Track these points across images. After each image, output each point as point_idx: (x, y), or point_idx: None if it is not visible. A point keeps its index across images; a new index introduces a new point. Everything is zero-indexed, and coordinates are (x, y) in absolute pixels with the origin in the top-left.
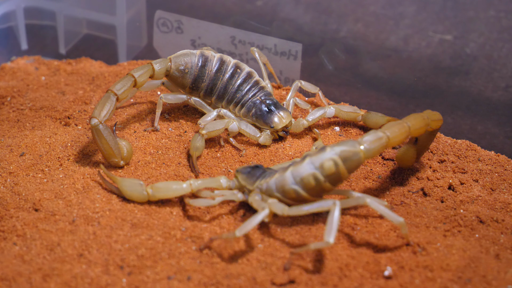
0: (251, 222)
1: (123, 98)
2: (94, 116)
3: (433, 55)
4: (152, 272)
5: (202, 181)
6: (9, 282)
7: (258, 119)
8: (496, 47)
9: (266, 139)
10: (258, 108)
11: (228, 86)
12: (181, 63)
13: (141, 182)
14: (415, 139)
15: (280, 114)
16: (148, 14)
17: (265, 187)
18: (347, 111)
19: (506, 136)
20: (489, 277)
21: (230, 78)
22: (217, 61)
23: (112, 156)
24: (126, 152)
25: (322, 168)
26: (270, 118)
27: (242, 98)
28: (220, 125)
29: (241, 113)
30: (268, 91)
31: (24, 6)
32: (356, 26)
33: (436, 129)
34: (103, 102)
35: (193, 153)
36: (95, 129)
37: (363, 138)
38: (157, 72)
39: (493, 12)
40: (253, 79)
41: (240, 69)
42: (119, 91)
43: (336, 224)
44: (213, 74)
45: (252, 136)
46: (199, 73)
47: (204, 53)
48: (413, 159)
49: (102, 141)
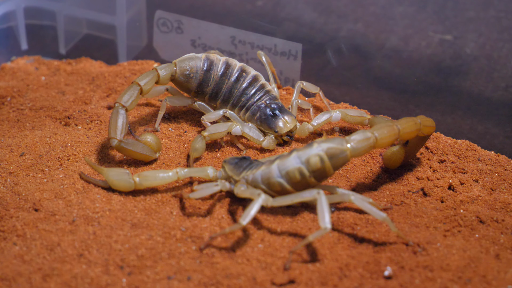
0: (252, 209)
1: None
2: (112, 137)
3: (433, 55)
4: (152, 272)
5: (188, 170)
6: (9, 282)
7: (263, 123)
8: (496, 47)
9: (269, 143)
10: (262, 112)
11: (233, 90)
12: (186, 68)
13: (127, 171)
14: (406, 141)
15: (285, 119)
16: (148, 14)
17: (251, 178)
18: (354, 115)
19: (506, 136)
20: (489, 277)
21: (235, 82)
22: (223, 65)
23: (147, 158)
24: (155, 145)
25: (308, 163)
26: (275, 123)
27: (247, 101)
28: (223, 128)
29: (246, 117)
30: (274, 95)
31: (24, 6)
32: (356, 26)
33: (427, 135)
34: (115, 119)
35: (192, 154)
36: (118, 148)
37: (351, 137)
38: (163, 78)
39: (493, 12)
40: (259, 82)
41: (245, 72)
42: (127, 102)
43: (327, 210)
44: (219, 78)
45: (255, 140)
46: (204, 77)
47: (209, 57)
48: (400, 160)
49: (132, 154)
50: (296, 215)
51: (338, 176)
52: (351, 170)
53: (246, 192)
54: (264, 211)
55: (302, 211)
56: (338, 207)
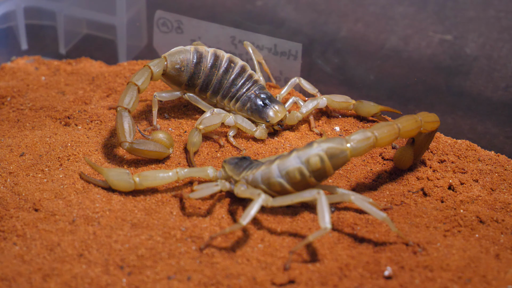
0: (252, 209)
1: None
2: (122, 141)
3: (433, 55)
4: (152, 272)
5: (188, 170)
6: (9, 282)
7: (254, 114)
8: (496, 47)
9: (261, 133)
10: (253, 103)
11: (223, 81)
12: (177, 61)
13: (127, 171)
14: (412, 140)
15: (275, 108)
16: (148, 14)
17: (251, 178)
18: (339, 101)
19: (506, 136)
20: (489, 277)
21: (224, 73)
22: (212, 57)
23: (161, 155)
24: (167, 141)
25: (308, 163)
26: (265, 113)
27: (237, 92)
28: (217, 119)
29: (236, 107)
30: (262, 84)
31: (24, 6)
32: (356, 26)
33: (433, 131)
34: (121, 123)
35: (190, 149)
36: (130, 150)
37: (351, 137)
38: (156, 74)
39: (493, 12)
40: (247, 72)
41: (233, 63)
42: (128, 104)
43: (327, 210)
44: (208, 70)
45: (248, 130)
46: (194, 70)
47: (198, 49)
48: (410, 160)
49: (145, 153)
50: (296, 215)
51: (338, 176)
52: (351, 170)
53: (246, 192)
54: (264, 211)
55: (302, 211)
56: (338, 207)
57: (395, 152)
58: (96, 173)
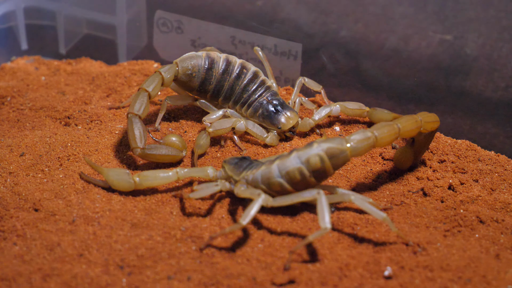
0: (252, 209)
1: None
2: (134, 147)
3: (433, 55)
4: (152, 272)
5: (188, 170)
6: (9, 282)
7: (265, 120)
8: (496, 47)
9: (273, 140)
10: (265, 109)
11: (235, 87)
12: (188, 67)
13: (127, 171)
14: (412, 140)
15: (287, 115)
16: (148, 14)
17: (251, 178)
18: (353, 108)
19: (506, 136)
20: (489, 277)
21: (236, 79)
22: (223, 62)
23: (175, 158)
24: (179, 144)
25: (308, 163)
26: (277, 119)
27: (249, 98)
28: (227, 124)
29: (248, 113)
30: (274, 91)
31: (24, 6)
32: (356, 26)
33: (433, 131)
34: (131, 129)
35: (196, 151)
36: (143, 156)
37: (351, 137)
38: (167, 80)
39: (493, 12)
40: (259, 78)
41: (246, 69)
42: (139, 111)
43: (327, 210)
44: (220, 75)
45: (259, 136)
46: (206, 76)
47: (210, 55)
48: (410, 160)
49: (158, 158)
50: (296, 215)
51: (338, 176)
52: (351, 170)
53: (246, 192)
54: (264, 211)
55: (302, 211)
56: (338, 207)
57: (395, 152)
58: (96, 173)
